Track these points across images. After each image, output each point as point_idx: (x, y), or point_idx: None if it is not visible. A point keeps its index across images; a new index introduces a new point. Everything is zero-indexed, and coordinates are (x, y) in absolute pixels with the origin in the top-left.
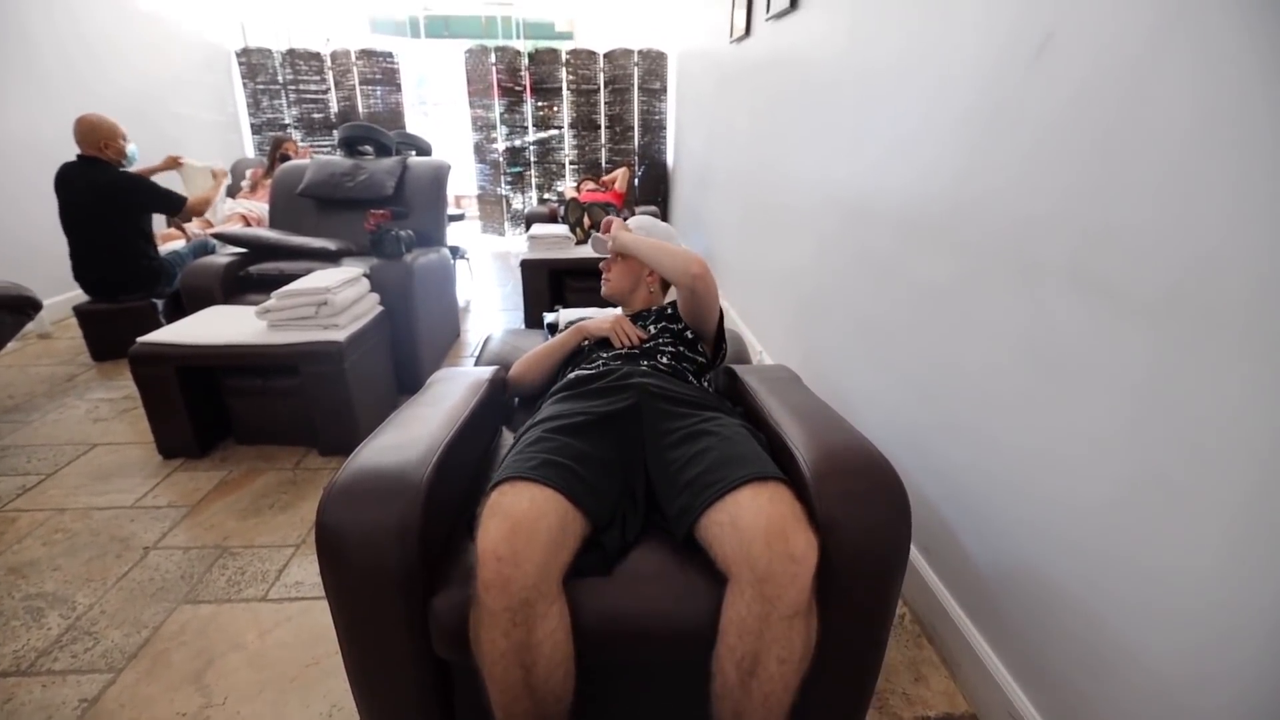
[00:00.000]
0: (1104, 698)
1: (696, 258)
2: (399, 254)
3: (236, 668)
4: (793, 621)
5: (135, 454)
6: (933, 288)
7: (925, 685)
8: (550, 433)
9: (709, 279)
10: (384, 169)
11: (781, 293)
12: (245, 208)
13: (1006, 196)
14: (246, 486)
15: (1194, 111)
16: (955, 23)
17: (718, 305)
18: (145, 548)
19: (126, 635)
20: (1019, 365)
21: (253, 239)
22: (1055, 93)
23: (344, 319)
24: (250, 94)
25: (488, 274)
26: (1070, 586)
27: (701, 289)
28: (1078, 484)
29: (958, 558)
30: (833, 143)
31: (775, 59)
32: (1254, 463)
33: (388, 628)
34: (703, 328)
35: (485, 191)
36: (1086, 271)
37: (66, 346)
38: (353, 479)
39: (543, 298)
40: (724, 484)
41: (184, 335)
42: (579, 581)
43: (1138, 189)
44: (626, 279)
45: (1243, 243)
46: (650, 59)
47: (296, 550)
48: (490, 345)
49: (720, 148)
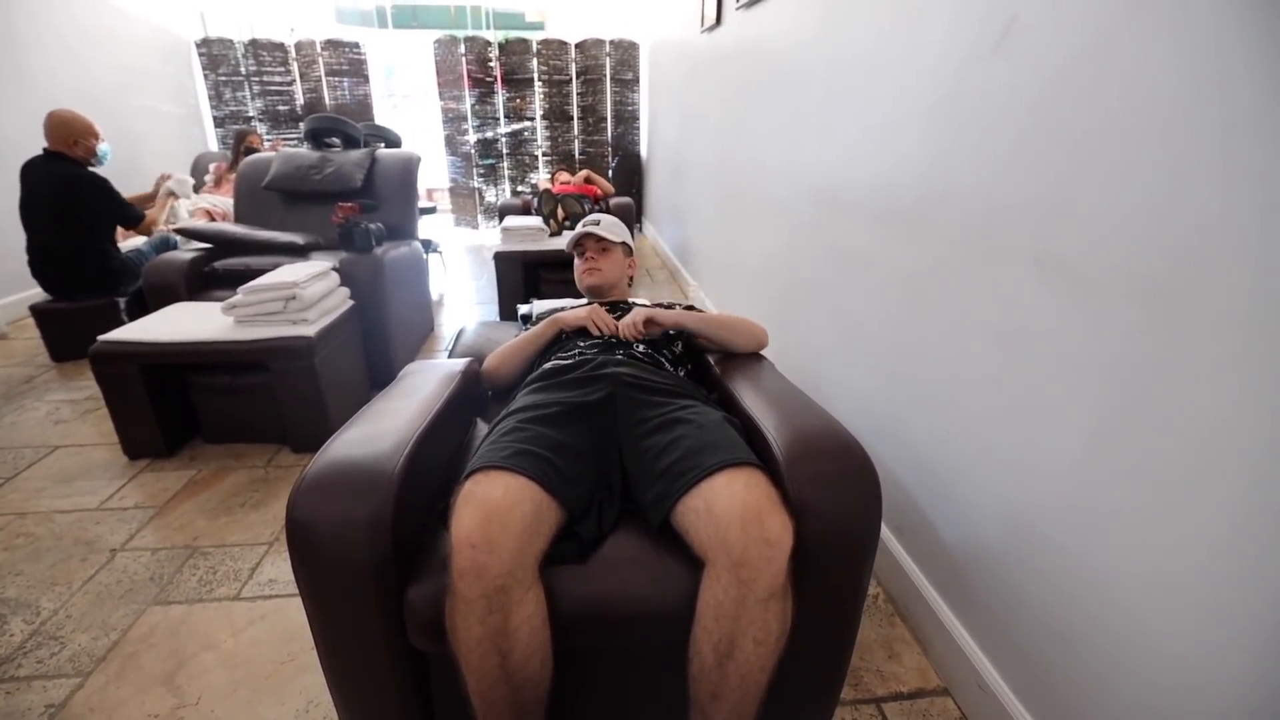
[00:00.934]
0: (1070, 665)
1: (763, 332)
2: (369, 247)
3: (209, 668)
4: (768, 604)
5: (100, 455)
6: (904, 275)
7: (898, 662)
8: (525, 423)
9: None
10: (352, 161)
11: (756, 281)
12: (210, 203)
13: (974, 184)
14: (216, 485)
15: (1160, 94)
16: (923, 9)
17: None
18: (112, 550)
19: (94, 639)
20: (987, 349)
21: (218, 234)
22: (1020, 78)
23: (313, 314)
24: (212, 86)
25: (461, 267)
26: (1036, 562)
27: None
28: (1041, 463)
29: (929, 537)
30: (804, 132)
31: (746, 48)
32: (1209, 436)
33: (362, 621)
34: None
35: (457, 184)
36: (1053, 256)
37: (24, 347)
38: (323, 472)
39: (517, 290)
40: (699, 471)
41: (148, 333)
42: (555, 568)
43: (1100, 173)
44: (616, 269)
45: (1209, 225)
46: (622, 49)
47: (269, 548)
48: (464, 337)
49: (693, 138)
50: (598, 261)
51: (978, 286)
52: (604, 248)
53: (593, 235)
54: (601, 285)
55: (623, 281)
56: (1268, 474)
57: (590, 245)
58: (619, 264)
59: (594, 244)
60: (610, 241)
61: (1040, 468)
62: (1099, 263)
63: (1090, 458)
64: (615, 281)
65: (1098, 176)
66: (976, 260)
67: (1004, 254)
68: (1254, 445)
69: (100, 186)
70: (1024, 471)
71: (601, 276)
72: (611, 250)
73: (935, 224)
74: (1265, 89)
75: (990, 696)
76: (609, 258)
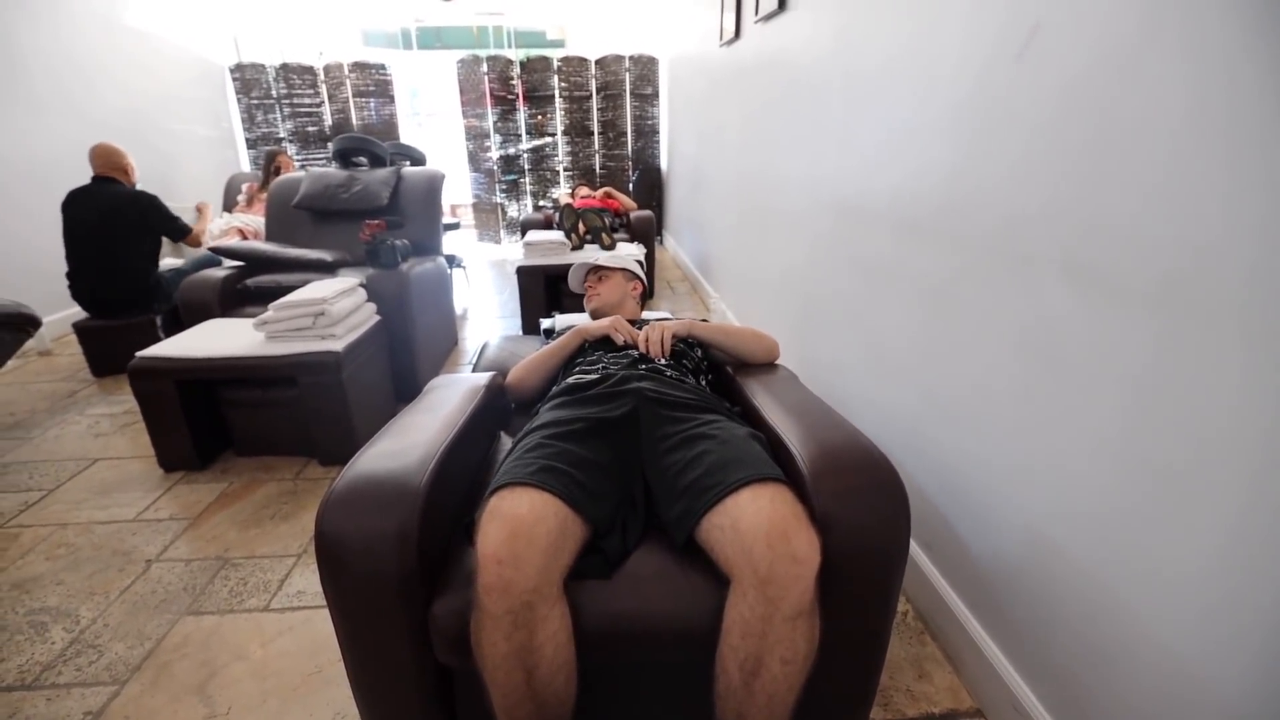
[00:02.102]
0: (1108, 689)
1: (774, 343)
2: (395, 263)
3: (240, 678)
4: (795, 622)
5: (136, 468)
6: (928, 285)
7: (929, 681)
8: (549, 439)
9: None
10: (378, 179)
11: (778, 293)
12: (241, 221)
13: (998, 191)
14: (247, 497)
15: (1183, 100)
16: (943, 17)
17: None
18: (148, 560)
19: (130, 648)
20: (1015, 359)
21: (249, 252)
22: (1044, 85)
23: (341, 329)
24: (245, 109)
25: (484, 282)
26: (1070, 578)
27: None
28: (1076, 476)
29: (959, 553)
30: (823, 143)
31: (765, 61)
32: (1253, 452)
33: (389, 634)
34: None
35: (480, 200)
36: (1079, 264)
37: (67, 363)
38: (351, 486)
39: (539, 304)
40: (723, 487)
41: (182, 349)
42: (580, 584)
43: (1127, 180)
44: (615, 292)
45: (1234, 232)
46: (642, 64)
47: (298, 560)
48: (487, 352)
49: (712, 151)
50: (597, 288)
51: (1003, 295)
52: (601, 276)
53: (592, 268)
54: (601, 308)
55: (627, 301)
56: None
57: (590, 277)
58: (619, 287)
59: (593, 275)
60: (607, 269)
61: (1075, 482)
62: (1127, 269)
63: (1128, 472)
64: (616, 302)
65: (1122, 181)
66: (1001, 268)
67: (1029, 261)
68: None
69: (152, 200)
70: (1058, 487)
71: (601, 300)
72: (609, 276)
73: (958, 232)
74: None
75: (1025, 719)
76: (607, 283)
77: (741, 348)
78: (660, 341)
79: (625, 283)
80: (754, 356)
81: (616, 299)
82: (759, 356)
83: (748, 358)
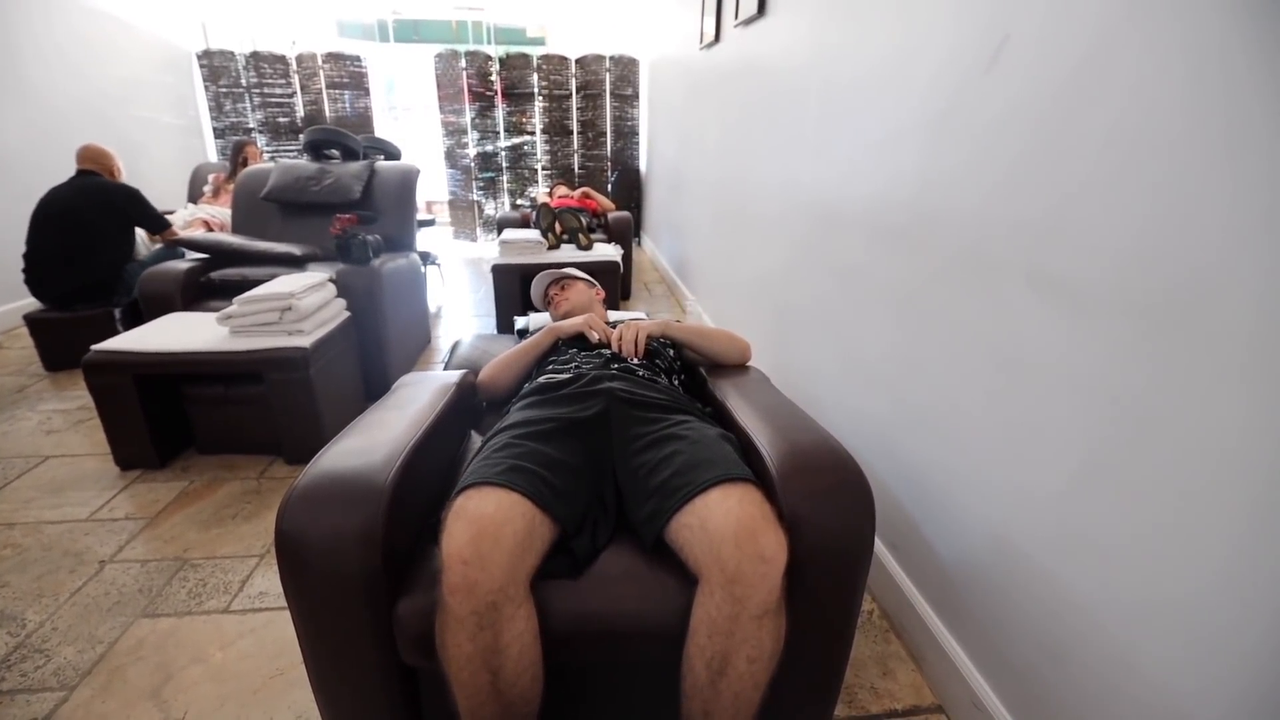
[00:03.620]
0: (1066, 684)
1: (746, 345)
2: (366, 259)
3: (197, 681)
4: (762, 621)
5: (91, 466)
6: (900, 292)
7: (893, 679)
8: (519, 438)
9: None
10: (351, 173)
11: (754, 297)
12: (208, 213)
13: (969, 200)
14: (209, 497)
15: (1142, 109)
16: (918, 29)
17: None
18: (101, 561)
19: (80, 652)
20: (981, 363)
21: (215, 244)
22: (1012, 96)
23: (309, 325)
24: (213, 97)
25: (460, 280)
26: (1029, 578)
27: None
28: (1035, 477)
29: (924, 553)
30: (800, 149)
31: (744, 65)
32: (1202, 451)
33: (352, 635)
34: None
35: (457, 197)
36: (1044, 273)
37: (17, 357)
38: (314, 484)
39: (514, 303)
40: (692, 487)
41: (142, 342)
42: (547, 583)
43: (1087, 188)
44: (582, 296)
45: (1189, 239)
46: (622, 65)
47: (261, 560)
48: (460, 350)
49: (692, 154)
50: (564, 294)
51: (973, 303)
52: (562, 285)
53: (555, 279)
54: (572, 310)
55: (593, 305)
56: (1266, 500)
57: (553, 288)
58: (583, 293)
59: (556, 285)
60: (569, 279)
61: (1033, 484)
62: (1093, 280)
63: (1083, 479)
64: (585, 304)
65: (1091, 193)
66: (972, 277)
67: (999, 271)
68: (1255, 468)
69: (134, 193)
70: (1018, 488)
71: (570, 304)
72: (571, 284)
73: (931, 241)
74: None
75: (985, 715)
76: (572, 289)
77: (715, 349)
78: (634, 341)
79: (588, 289)
80: (727, 358)
81: (585, 301)
82: (732, 358)
83: (721, 359)
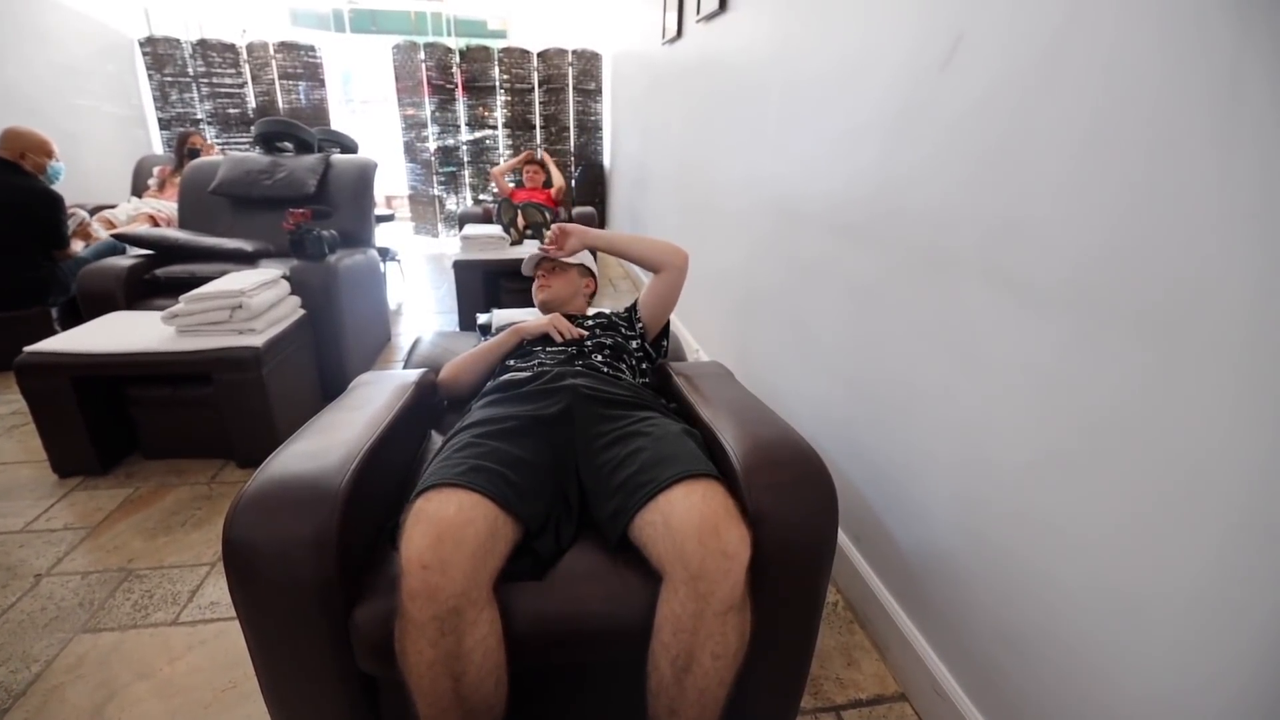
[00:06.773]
0: (1020, 670)
1: (684, 253)
2: (321, 255)
3: (142, 698)
4: (726, 617)
5: (25, 474)
6: (859, 286)
7: (857, 669)
8: (480, 438)
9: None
10: (305, 166)
11: (717, 292)
12: (153, 207)
13: (925, 197)
14: (155, 504)
15: (1093, 105)
16: (877, 28)
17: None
18: (37, 575)
19: (13, 672)
20: (937, 356)
21: (160, 240)
22: (966, 94)
23: (261, 323)
24: (157, 86)
25: (421, 276)
26: (985, 567)
27: (682, 276)
28: (990, 468)
29: (886, 544)
30: (762, 145)
31: (706, 61)
32: (1149, 438)
33: (306, 644)
34: (658, 320)
35: (417, 192)
36: (996, 268)
37: None
38: (264, 488)
39: (477, 299)
40: (655, 484)
41: (80, 343)
42: (511, 585)
43: (1037, 185)
44: (567, 288)
45: (1136, 235)
46: (585, 59)
47: (212, 569)
48: (420, 348)
49: (655, 149)
50: (549, 279)
51: (930, 297)
52: (554, 267)
53: (545, 260)
54: (550, 301)
55: (576, 299)
56: (1203, 478)
57: (544, 265)
58: (572, 283)
59: (548, 264)
60: (563, 264)
61: (989, 474)
62: (1038, 271)
63: (1036, 466)
64: (566, 299)
65: (1041, 189)
66: (930, 272)
67: (954, 266)
68: (1195, 449)
69: (51, 202)
70: (974, 479)
71: (551, 293)
72: (564, 271)
73: (890, 237)
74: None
75: (946, 701)
76: (561, 277)
77: (652, 254)
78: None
79: (579, 278)
80: (666, 263)
81: (567, 295)
82: (672, 262)
83: (658, 264)
